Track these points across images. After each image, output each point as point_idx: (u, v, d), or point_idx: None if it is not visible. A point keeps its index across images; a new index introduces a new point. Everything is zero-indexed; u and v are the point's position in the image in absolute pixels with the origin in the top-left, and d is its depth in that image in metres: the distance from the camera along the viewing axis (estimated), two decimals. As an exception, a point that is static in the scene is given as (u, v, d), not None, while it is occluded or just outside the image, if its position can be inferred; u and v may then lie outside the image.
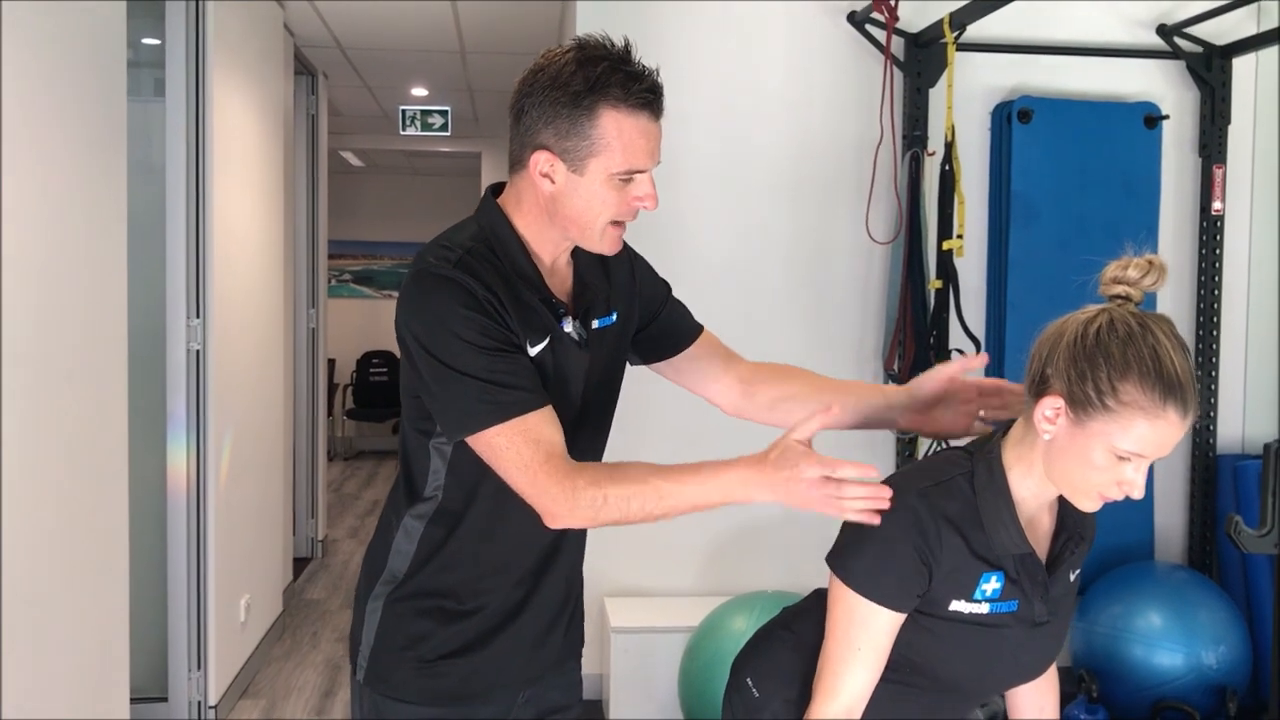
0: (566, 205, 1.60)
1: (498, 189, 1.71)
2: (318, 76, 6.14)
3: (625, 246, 1.79)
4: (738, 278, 4.10)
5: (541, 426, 1.55)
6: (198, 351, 3.72)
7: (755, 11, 4.06)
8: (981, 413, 1.78)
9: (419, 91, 7.24)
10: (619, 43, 1.58)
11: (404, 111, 7.53)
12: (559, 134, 1.56)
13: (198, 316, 3.71)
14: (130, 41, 3.04)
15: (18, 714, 2.28)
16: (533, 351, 1.61)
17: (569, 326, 1.67)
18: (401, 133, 7.66)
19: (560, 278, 1.71)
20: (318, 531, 6.26)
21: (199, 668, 3.79)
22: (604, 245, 1.65)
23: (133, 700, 3.02)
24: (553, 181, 1.59)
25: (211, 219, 3.73)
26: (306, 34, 5.59)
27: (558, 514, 1.54)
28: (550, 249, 1.68)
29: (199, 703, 3.79)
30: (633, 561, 4.09)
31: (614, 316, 1.78)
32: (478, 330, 1.54)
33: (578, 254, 1.74)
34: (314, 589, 5.76)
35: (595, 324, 1.73)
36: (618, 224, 1.63)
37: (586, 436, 1.76)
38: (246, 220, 4.25)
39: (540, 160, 1.58)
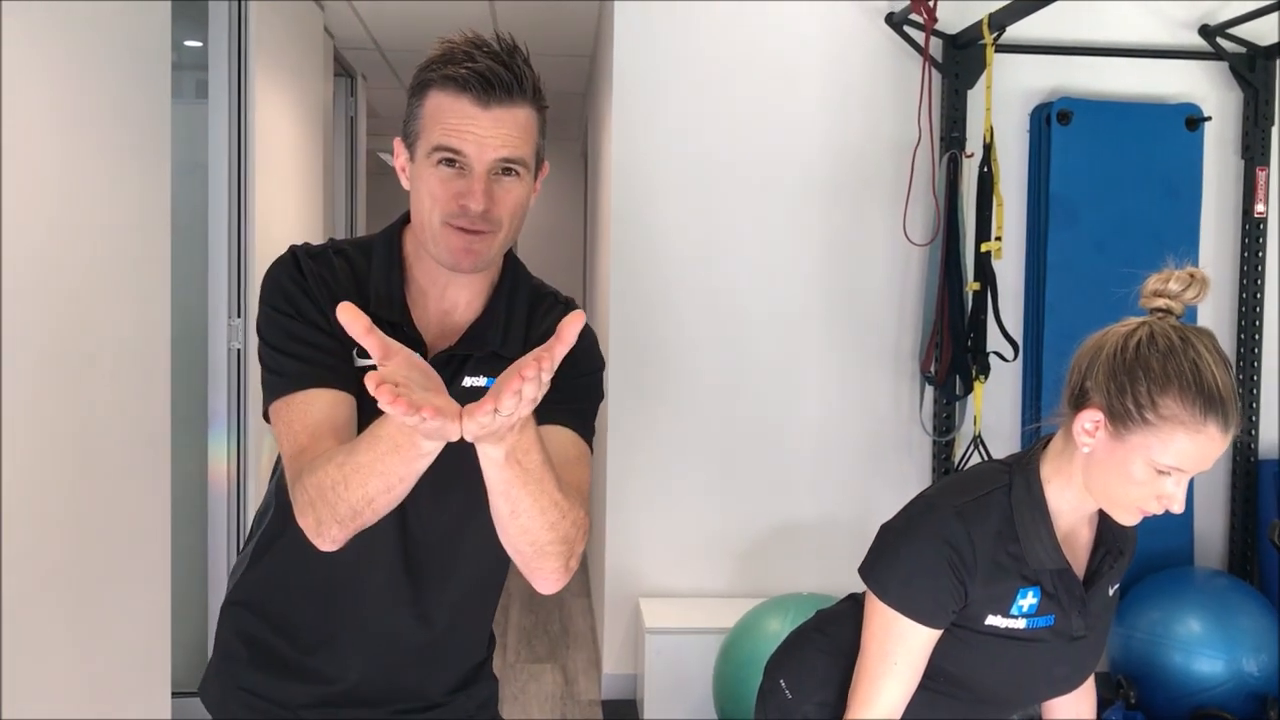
0: (412, 202, 1.44)
1: None
2: (356, 78, 6.18)
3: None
4: (774, 279, 4.10)
5: (315, 405, 1.38)
6: (239, 351, 3.76)
7: (793, 12, 4.05)
8: None
9: (456, 92, 7.26)
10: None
11: (441, 112, 7.53)
12: (405, 121, 1.45)
13: (239, 316, 3.76)
14: (174, 44, 3.07)
15: (60, 707, 2.32)
16: (362, 361, 1.41)
17: None
18: (438, 134, 7.66)
19: (452, 314, 1.50)
20: (356, 528, 6.30)
21: (238, 663, 3.82)
22: (445, 253, 1.41)
23: (174, 695, 3.05)
24: (407, 177, 1.46)
25: (253, 219, 3.77)
26: (346, 36, 5.63)
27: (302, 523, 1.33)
28: (433, 274, 1.47)
29: (238, 698, 3.82)
30: (667, 562, 4.10)
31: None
32: (284, 298, 1.41)
33: (511, 296, 1.51)
34: (351, 585, 5.79)
35: (466, 380, 1.46)
36: (462, 231, 1.39)
37: (430, 518, 1.50)
38: (287, 221, 4.29)
39: (398, 150, 1.46)
